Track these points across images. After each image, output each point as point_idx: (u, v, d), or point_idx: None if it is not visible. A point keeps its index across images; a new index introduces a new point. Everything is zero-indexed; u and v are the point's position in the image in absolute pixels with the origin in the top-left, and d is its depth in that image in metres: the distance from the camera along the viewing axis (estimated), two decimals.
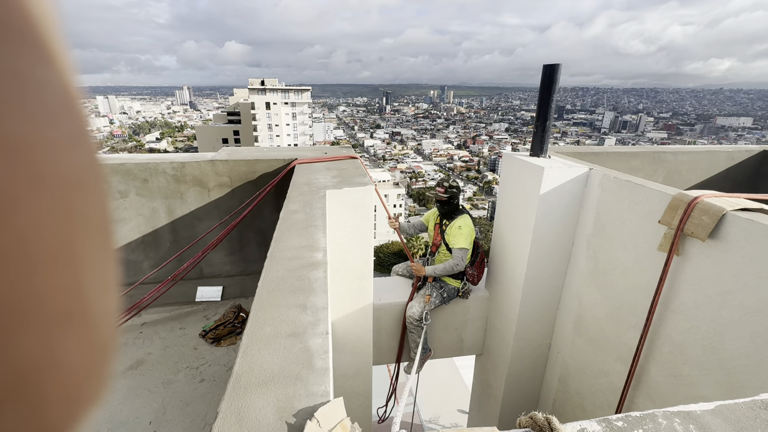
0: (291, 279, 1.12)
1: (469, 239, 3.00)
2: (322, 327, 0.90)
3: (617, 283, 2.47)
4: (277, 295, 1.03)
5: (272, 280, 1.11)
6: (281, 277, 1.13)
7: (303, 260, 1.24)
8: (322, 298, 1.02)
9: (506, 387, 3.38)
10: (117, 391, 2.26)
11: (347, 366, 2.60)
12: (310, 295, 1.03)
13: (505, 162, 3.11)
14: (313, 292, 1.05)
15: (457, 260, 2.99)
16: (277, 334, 0.88)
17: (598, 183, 2.56)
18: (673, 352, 2.11)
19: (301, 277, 1.13)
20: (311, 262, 1.23)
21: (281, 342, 0.85)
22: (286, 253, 1.29)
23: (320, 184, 2.23)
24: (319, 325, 0.91)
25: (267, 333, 0.87)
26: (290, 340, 0.85)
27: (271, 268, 1.18)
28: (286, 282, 1.10)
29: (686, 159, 3.73)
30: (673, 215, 2.01)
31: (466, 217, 3.07)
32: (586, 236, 2.71)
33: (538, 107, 2.81)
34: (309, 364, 0.78)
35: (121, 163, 2.82)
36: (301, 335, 0.87)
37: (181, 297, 3.16)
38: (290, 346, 0.83)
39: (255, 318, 0.93)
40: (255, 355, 0.81)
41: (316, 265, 1.20)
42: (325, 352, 0.81)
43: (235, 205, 3.11)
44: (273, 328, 0.89)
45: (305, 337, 0.86)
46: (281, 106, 59.53)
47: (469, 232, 3.02)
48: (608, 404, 2.63)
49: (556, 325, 3.14)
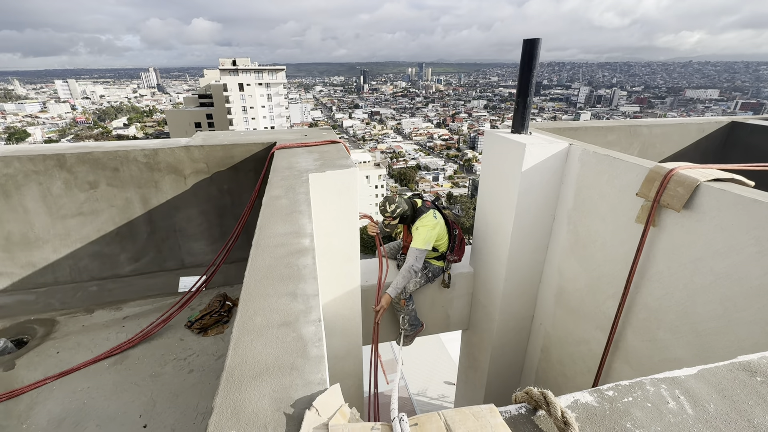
0: (279, 267, 1.10)
1: (425, 239, 2.92)
2: (315, 314, 0.89)
3: (596, 256, 2.55)
4: (266, 284, 1.01)
5: (260, 269, 1.09)
6: (269, 266, 1.10)
7: (290, 247, 1.21)
8: (312, 285, 1.00)
9: (491, 359, 3.50)
10: (103, 387, 2.21)
11: (338, 348, 2.63)
12: (299, 282, 1.02)
13: (486, 139, 3.11)
14: (302, 279, 1.03)
15: (411, 261, 2.94)
16: (268, 324, 0.86)
17: (578, 158, 2.60)
18: (648, 318, 2.21)
19: (290, 264, 1.11)
20: (298, 248, 1.20)
21: (273, 332, 0.83)
22: (272, 241, 1.26)
23: (302, 167, 2.18)
24: (311, 312, 0.90)
25: (258, 323, 0.86)
26: (283, 330, 0.84)
27: (257, 257, 1.15)
28: (275, 270, 1.08)
29: (660, 132, 3.83)
30: (650, 188, 2.06)
31: (423, 218, 2.99)
32: (566, 211, 2.77)
33: (519, 83, 2.80)
34: (304, 352, 0.77)
35: (88, 152, 2.67)
36: (294, 324, 0.86)
37: (163, 288, 3.08)
38: (283, 335, 0.82)
39: (244, 309, 0.91)
40: (247, 347, 0.79)
41: (304, 252, 1.18)
42: (319, 340, 0.81)
43: (213, 192, 3.02)
44: (264, 318, 0.87)
45: (298, 326, 0.85)
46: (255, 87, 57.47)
47: (426, 232, 2.94)
48: (587, 369, 2.76)
49: (539, 297, 3.24)
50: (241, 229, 2.77)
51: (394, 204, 2.97)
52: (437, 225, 3.04)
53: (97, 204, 2.83)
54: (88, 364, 2.40)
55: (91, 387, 2.23)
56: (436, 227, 3.02)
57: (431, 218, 3.03)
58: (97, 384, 2.25)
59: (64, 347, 2.56)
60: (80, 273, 3.02)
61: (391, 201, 2.98)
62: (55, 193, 2.73)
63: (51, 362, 2.46)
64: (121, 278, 3.11)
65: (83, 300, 2.95)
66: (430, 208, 3.11)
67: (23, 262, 2.87)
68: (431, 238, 2.99)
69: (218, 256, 2.86)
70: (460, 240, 3.26)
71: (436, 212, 3.12)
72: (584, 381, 2.80)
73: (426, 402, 12.52)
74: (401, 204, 2.98)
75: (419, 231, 2.99)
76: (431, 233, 2.98)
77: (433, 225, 3.00)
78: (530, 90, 2.79)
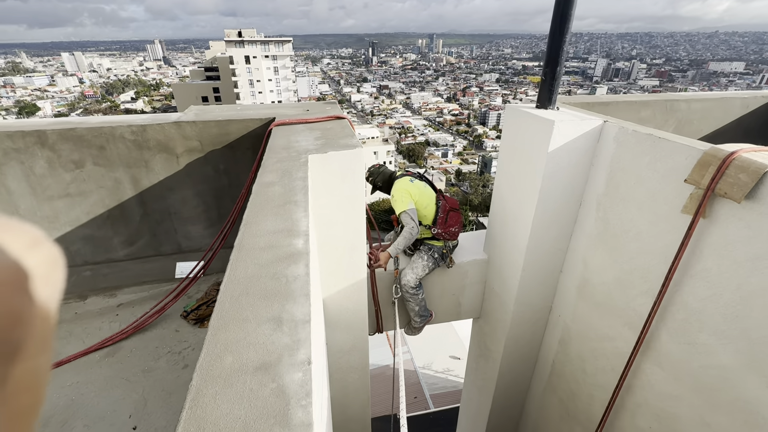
0: (263, 278, 0.88)
1: (402, 202, 2.85)
2: (304, 352, 0.67)
3: (629, 247, 2.29)
4: (245, 304, 0.79)
5: (239, 281, 0.87)
6: (251, 276, 0.89)
7: (279, 250, 0.99)
8: (303, 305, 0.78)
9: (505, 350, 3.32)
10: (93, 383, 2.08)
11: (342, 342, 2.46)
12: (287, 301, 0.80)
13: (508, 115, 2.80)
14: (291, 297, 0.81)
15: (407, 224, 2.83)
16: (241, 366, 0.65)
17: (614, 137, 2.29)
18: (688, 319, 1.98)
19: (277, 274, 0.89)
20: (289, 252, 0.98)
21: (247, 380, 0.62)
22: (258, 241, 1.03)
23: (301, 147, 1.93)
24: (299, 348, 0.68)
25: (228, 366, 0.65)
26: (259, 377, 0.63)
27: (238, 263, 0.93)
28: (257, 283, 0.86)
29: (699, 107, 3.46)
30: (702, 173, 1.78)
31: (395, 185, 2.98)
32: (596, 196, 2.49)
33: (548, 49, 2.46)
34: (284, 417, 0.56)
35: (71, 128, 2.45)
36: (275, 367, 0.64)
37: (160, 274, 2.92)
38: (258, 386, 0.61)
39: (213, 341, 0.70)
40: (208, 406, 0.58)
41: (296, 257, 0.96)
42: (306, 395, 0.59)
43: (209, 172, 2.79)
44: (236, 358, 0.66)
45: (280, 371, 0.64)
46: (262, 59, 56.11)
47: (400, 195, 2.87)
48: (611, 368, 2.56)
49: (558, 288, 3.02)
50: (239, 212, 2.56)
51: (367, 171, 3.10)
52: (412, 186, 2.93)
53: (85, 185, 2.63)
54: (78, 356, 2.27)
55: (81, 382, 2.10)
56: (410, 189, 2.91)
57: (402, 182, 2.96)
58: (87, 378, 2.12)
59: (55, 336, 2.44)
60: (73, 257, 2.86)
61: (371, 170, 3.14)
62: (38, 173, 2.53)
63: None
64: (116, 263, 2.96)
65: (77, 285, 2.81)
66: (406, 176, 3.07)
67: None
68: (405, 197, 2.86)
69: (216, 240, 2.67)
70: (446, 212, 2.98)
71: (413, 178, 3.04)
72: (606, 379, 2.61)
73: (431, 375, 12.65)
74: (375, 172, 3.11)
75: (394, 197, 2.92)
76: (404, 195, 2.87)
77: (405, 187, 2.90)
78: (561, 58, 2.45)
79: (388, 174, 3.14)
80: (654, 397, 2.25)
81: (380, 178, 3.11)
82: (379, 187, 3.14)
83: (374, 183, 3.14)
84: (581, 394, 2.92)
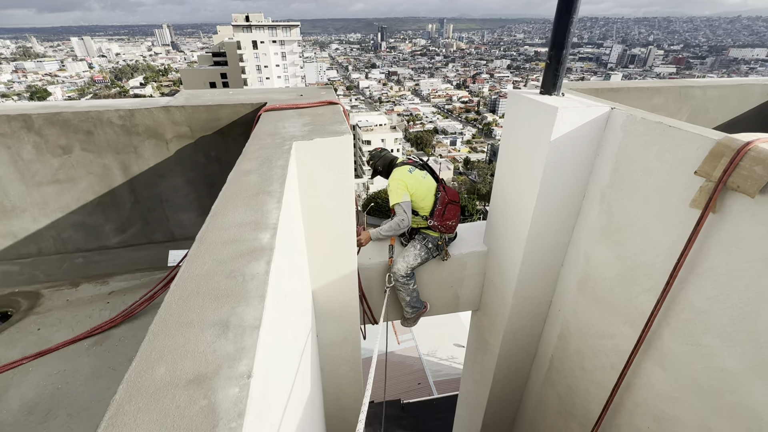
0: (218, 276, 0.80)
1: (397, 193, 2.75)
2: (246, 363, 0.60)
3: (633, 242, 2.18)
4: (192, 305, 0.72)
5: (192, 279, 0.80)
6: (206, 273, 0.81)
7: (242, 245, 0.91)
8: (256, 308, 0.71)
9: (503, 343, 3.26)
10: (79, 371, 2.07)
11: (334, 334, 2.41)
12: (239, 303, 0.72)
13: (510, 101, 2.67)
14: (244, 298, 0.74)
15: (399, 215, 2.76)
16: (173, 379, 0.58)
17: (621, 125, 2.16)
18: (693, 319, 1.88)
19: (234, 272, 0.82)
20: (253, 247, 0.90)
21: (175, 396, 0.55)
22: (221, 234, 0.96)
23: (288, 134, 1.84)
24: (241, 359, 0.61)
25: (158, 378, 0.58)
26: (189, 392, 0.56)
27: (195, 259, 0.86)
28: (211, 281, 0.79)
29: (716, 94, 3.28)
30: (714, 165, 1.65)
31: (392, 174, 2.90)
32: (600, 188, 2.37)
33: (554, 32, 2.32)
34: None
35: (57, 112, 2.38)
36: (210, 380, 0.58)
37: (152, 262, 2.89)
38: (187, 403, 0.54)
39: (148, 349, 0.63)
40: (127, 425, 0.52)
41: (259, 253, 0.88)
42: (239, 416, 0.52)
43: (200, 159, 2.72)
44: (169, 369, 0.60)
45: (214, 385, 0.57)
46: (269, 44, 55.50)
47: (395, 185, 2.78)
48: (611, 366, 2.48)
49: (559, 282, 2.92)
50: None
51: (369, 154, 3.12)
52: (409, 177, 2.82)
53: (74, 171, 2.58)
54: (67, 344, 2.25)
55: (68, 370, 2.08)
56: (406, 179, 2.81)
57: (400, 171, 2.86)
58: (74, 367, 2.10)
59: (45, 323, 2.42)
60: (65, 244, 2.84)
61: (372, 154, 3.12)
62: (26, 158, 2.48)
63: (31, 340, 2.33)
64: (108, 250, 2.93)
65: (69, 272, 2.79)
66: (407, 164, 2.96)
67: (2, 232, 2.69)
68: (400, 188, 2.77)
69: None
70: (444, 204, 2.87)
71: (413, 168, 2.91)
72: (605, 377, 2.53)
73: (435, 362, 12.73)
74: (376, 156, 3.07)
75: (389, 187, 2.84)
76: (399, 186, 2.78)
77: (401, 178, 2.80)
78: (567, 41, 2.31)
79: (389, 159, 3.06)
80: (653, 397, 2.17)
81: (381, 162, 3.04)
82: (380, 171, 3.08)
83: (374, 167, 3.08)
84: (579, 390, 2.86)
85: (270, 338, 0.74)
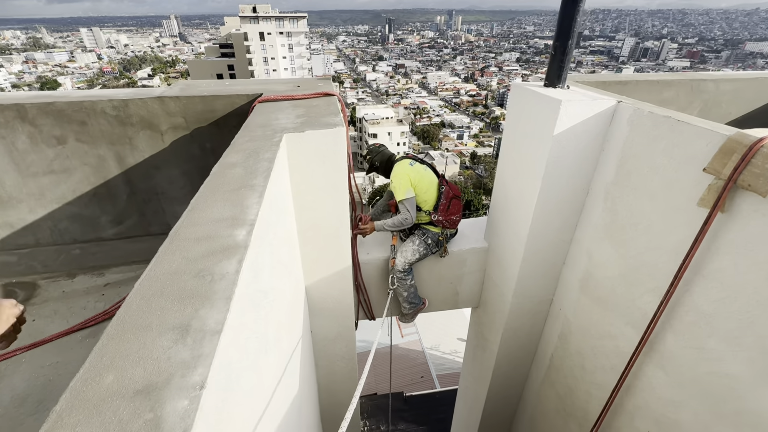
0: (186, 276, 0.76)
1: (401, 189, 2.70)
2: (201, 372, 0.56)
3: (637, 241, 2.11)
4: (154, 307, 0.68)
5: (157, 278, 0.76)
6: (173, 272, 0.77)
7: (215, 242, 0.87)
8: (221, 311, 0.67)
9: (502, 341, 3.21)
10: (71, 363, 2.06)
11: (327, 330, 2.38)
12: (203, 305, 0.68)
13: (513, 94, 2.58)
14: (209, 299, 0.69)
15: (403, 213, 2.70)
16: (120, 388, 0.54)
17: (627, 119, 2.08)
18: (697, 322, 1.81)
19: (202, 271, 0.77)
20: (226, 245, 0.86)
21: (119, 408, 0.51)
22: (196, 230, 0.92)
23: (279, 125, 1.79)
24: (196, 368, 0.56)
25: (105, 387, 0.54)
26: (135, 403, 0.52)
27: (164, 257, 0.82)
28: (177, 281, 0.75)
29: (730, 88, 3.15)
30: (724, 162, 1.57)
31: (394, 169, 2.83)
32: (604, 185, 2.29)
33: (559, 22, 2.23)
34: None
35: (50, 102, 2.35)
36: (159, 391, 0.53)
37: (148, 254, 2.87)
38: (131, 416, 0.50)
39: (98, 354, 0.59)
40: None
41: (231, 251, 0.83)
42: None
43: (195, 151, 2.68)
44: (118, 377, 0.55)
45: (163, 396, 0.52)
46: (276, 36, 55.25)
47: (398, 181, 2.72)
48: (611, 367, 2.42)
49: (560, 280, 2.86)
50: None
51: (368, 150, 3.07)
52: (412, 171, 2.77)
53: (69, 162, 2.55)
54: (60, 335, 2.24)
55: (60, 362, 2.07)
56: (409, 173, 2.76)
57: (402, 166, 2.81)
58: (66, 359, 2.09)
59: (40, 314, 2.42)
60: (62, 235, 2.83)
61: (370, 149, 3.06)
62: (20, 149, 2.46)
63: (25, 331, 2.32)
64: (105, 242, 2.92)
65: (66, 263, 2.78)
66: (406, 158, 2.92)
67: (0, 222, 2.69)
68: (404, 184, 2.72)
69: None
70: (449, 198, 2.83)
71: (413, 162, 2.88)
72: (606, 378, 2.47)
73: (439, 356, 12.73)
74: (374, 151, 3.02)
75: (393, 183, 2.77)
76: (403, 181, 2.72)
77: (404, 171, 2.75)
78: (573, 31, 2.21)
79: (387, 155, 2.99)
80: (655, 400, 2.11)
81: (378, 157, 2.97)
82: (376, 167, 3.00)
83: (372, 162, 3.01)
84: (579, 391, 2.80)
85: (238, 342, 0.69)
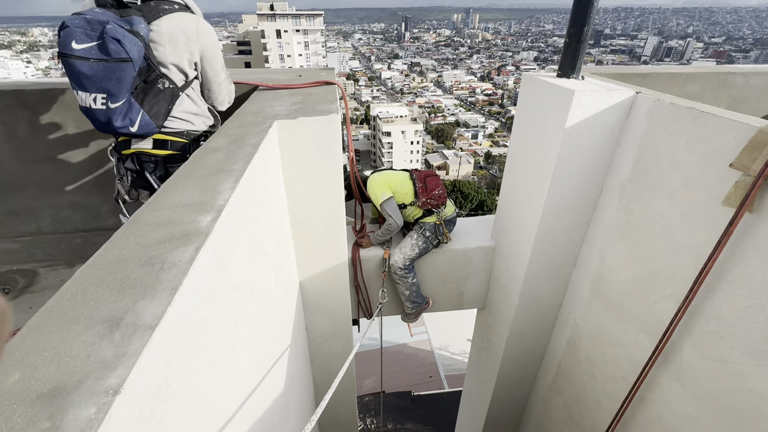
0: (134, 263, 0.68)
1: (377, 194, 2.66)
2: (119, 374, 0.47)
3: (655, 243, 1.96)
4: (88, 297, 0.61)
5: (102, 265, 0.68)
6: (121, 259, 0.70)
7: (176, 228, 0.79)
8: (161, 304, 0.58)
9: (507, 345, 3.08)
10: None
11: (323, 328, 2.30)
12: (143, 297, 0.60)
13: (524, 85, 2.45)
14: (151, 290, 0.61)
15: (387, 219, 2.65)
16: (23, 389, 0.46)
17: (646, 112, 1.93)
18: (719, 332, 1.66)
19: (153, 259, 0.69)
20: (186, 231, 0.78)
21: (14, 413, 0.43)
22: (157, 215, 0.84)
23: (273, 112, 1.71)
24: (116, 368, 0.48)
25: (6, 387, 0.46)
26: (35, 409, 0.44)
27: (116, 242, 0.75)
28: (124, 268, 0.67)
29: (760, 82, 2.95)
30: (754, 156, 1.42)
31: (369, 182, 2.76)
32: (620, 182, 2.15)
33: (574, 7, 2.09)
34: None
35: (50, 88, 2.33)
36: (66, 395, 0.45)
37: None
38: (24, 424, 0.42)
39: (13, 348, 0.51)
40: None
41: (190, 238, 0.75)
42: None
43: None
44: (25, 376, 0.48)
45: (68, 402, 0.44)
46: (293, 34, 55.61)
47: (374, 190, 2.69)
48: (622, 376, 2.28)
49: (571, 283, 2.71)
50: None
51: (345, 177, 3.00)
52: (380, 175, 2.77)
53: (69, 149, 2.54)
54: None
55: None
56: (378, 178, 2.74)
57: (372, 177, 2.78)
58: None
59: (37, 303, 2.41)
60: (63, 224, 2.83)
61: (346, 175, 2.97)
62: (21, 136, 2.45)
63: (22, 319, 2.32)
64: (106, 231, 2.90)
65: (67, 252, 2.78)
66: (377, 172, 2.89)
67: (3, 209, 2.70)
68: (378, 188, 2.68)
69: None
70: (422, 179, 2.79)
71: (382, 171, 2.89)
72: (617, 388, 2.33)
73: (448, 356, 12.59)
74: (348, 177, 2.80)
75: (370, 193, 2.72)
76: (375, 186, 2.69)
77: (373, 180, 2.73)
78: (589, 17, 2.07)
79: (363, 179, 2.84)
80: (669, 415, 1.97)
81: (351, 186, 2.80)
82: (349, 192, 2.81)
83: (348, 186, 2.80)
84: (587, 400, 2.66)
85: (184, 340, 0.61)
